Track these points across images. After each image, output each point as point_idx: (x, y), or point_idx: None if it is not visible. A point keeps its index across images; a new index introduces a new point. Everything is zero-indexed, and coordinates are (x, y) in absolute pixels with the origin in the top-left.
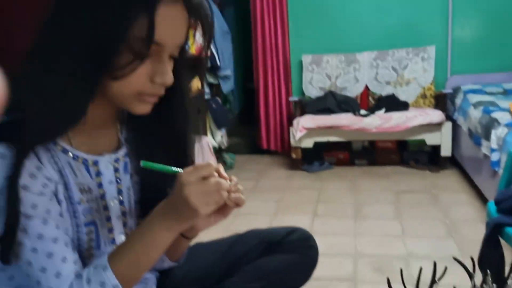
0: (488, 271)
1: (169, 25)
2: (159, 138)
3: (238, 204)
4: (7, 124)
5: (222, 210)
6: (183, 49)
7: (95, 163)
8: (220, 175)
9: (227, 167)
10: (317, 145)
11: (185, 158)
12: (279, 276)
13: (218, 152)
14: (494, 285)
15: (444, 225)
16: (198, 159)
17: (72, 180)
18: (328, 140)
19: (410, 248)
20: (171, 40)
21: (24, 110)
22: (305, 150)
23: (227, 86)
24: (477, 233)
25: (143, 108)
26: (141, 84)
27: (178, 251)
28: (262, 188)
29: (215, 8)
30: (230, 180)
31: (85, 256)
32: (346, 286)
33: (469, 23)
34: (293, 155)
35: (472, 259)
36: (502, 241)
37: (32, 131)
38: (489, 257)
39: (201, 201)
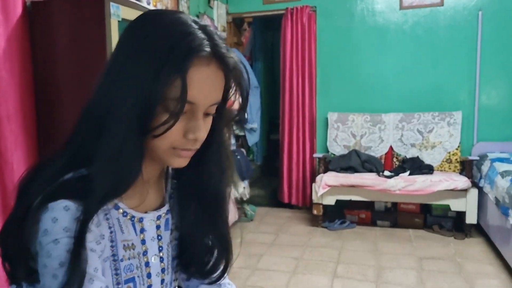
0: None
1: (202, 85)
2: (197, 192)
3: None
4: (72, 180)
5: None
6: (221, 106)
7: (140, 220)
8: None
9: (247, 219)
10: (339, 202)
11: (220, 213)
12: None
13: (240, 203)
14: None
15: None
16: None
17: (119, 237)
18: (350, 199)
19: None
20: (204, 100)
21: (88, 167)
22: (326, 207)
23: (253, 139)
24: None
25: (180, 162)
26: (175, 140)
27: None
28: (281, 243)
29: (246, 62)
30: None
31: None
32: None
33: (496, 90)
34: (314, 211)
35: None
36: None
37: (99, 190)
38: None
39: None
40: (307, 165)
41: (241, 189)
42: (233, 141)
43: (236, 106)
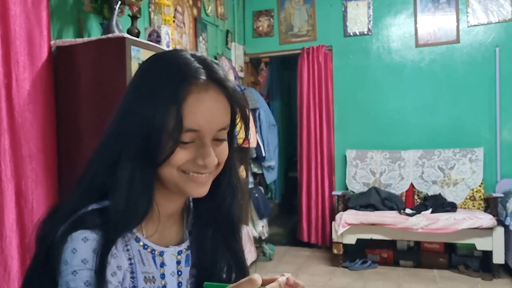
0: None
1: (204, 112)
2: (212, 219)
3: None
4: (93, 212)
5: None
6: (231, 131)
7: (161, 254)
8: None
9: (266, 258)
10: (359, 241)
11: (235, 237)
12: None
13: (258, 242)
14: None
15: None
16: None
17: (139, 269)
18: (371, 238)
19: None
20: (208, 126)
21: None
22: (347, 246)
23: (271, 177)
24: None
25: (199, 190)
26: (183, 163)
27: None
28: None
29: (263, 101)
30: None
31: None
32: None
33: None
34: (335, 251)
35: None
36: None
37: (113, 221)
38: None
39: None
40: (326, 203)
41: (259, 227)
42: (251, 179)
43: (252, 144)
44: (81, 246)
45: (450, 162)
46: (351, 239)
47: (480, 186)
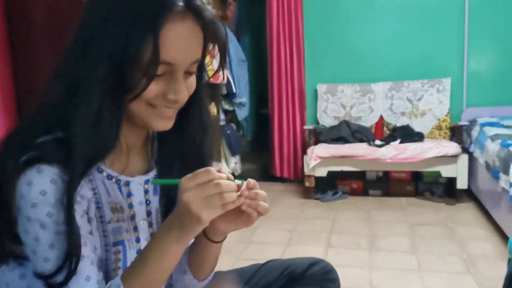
0: None
1: (179, 43)
2: (180, 154)
3: (259, 211)
4: (48, 143)
5: (245, 217)
6: (201, 65)
7: (127, 183)
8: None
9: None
10: (330, 174)
11: None
12: None
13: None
14: None
15: (461, 261)
16: None
17: (105, 199)
18: (342, 170)
19: (427, 283)
20: (183, 59)
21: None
22: (318, 179)
23: (242, 113)
24: (496, 270)
25: (164, 124)
26: (152, 97)
27: (207, 261)
28: (275, 216)
29: (232, 36)
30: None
31: (111, 276)
32: None
33: (485, 56)
34: (307, 184)
35: None
36: None
37: (79, 155)
38: None
39: (201, 206)
40: (297, 137)
41: (232, 164)
42: (222, 116)
43: (222, 79)
44: (37, 177)
45: (418, 93)
46: (322, 172)
47: (446, 115)
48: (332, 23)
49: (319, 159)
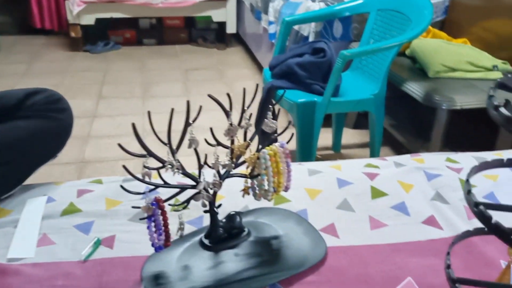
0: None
1: None
2: None
3: None
4: None
5: None
6: None
7: None
8: None
9: None
10: (100, 22)
11: None
12: (24, 146)
13: None
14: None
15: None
16: None
17: None
18: (111, 17)
19: (198, 121)
20: None
21: None
22: (86, 29)
23: None
24: (256, 103)
25: None
26: None
27: None
28: (36, 72)
29: None
30: None
31: None
32: (133, 164)
33: None
34: (72, 34)
35: (228, 95)
36: None
37: None
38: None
39: None
40: None
41: None
42: None
43: None
44: None
45: None
46: (89, 20)
47: None
48: None
49: (83, 4)
